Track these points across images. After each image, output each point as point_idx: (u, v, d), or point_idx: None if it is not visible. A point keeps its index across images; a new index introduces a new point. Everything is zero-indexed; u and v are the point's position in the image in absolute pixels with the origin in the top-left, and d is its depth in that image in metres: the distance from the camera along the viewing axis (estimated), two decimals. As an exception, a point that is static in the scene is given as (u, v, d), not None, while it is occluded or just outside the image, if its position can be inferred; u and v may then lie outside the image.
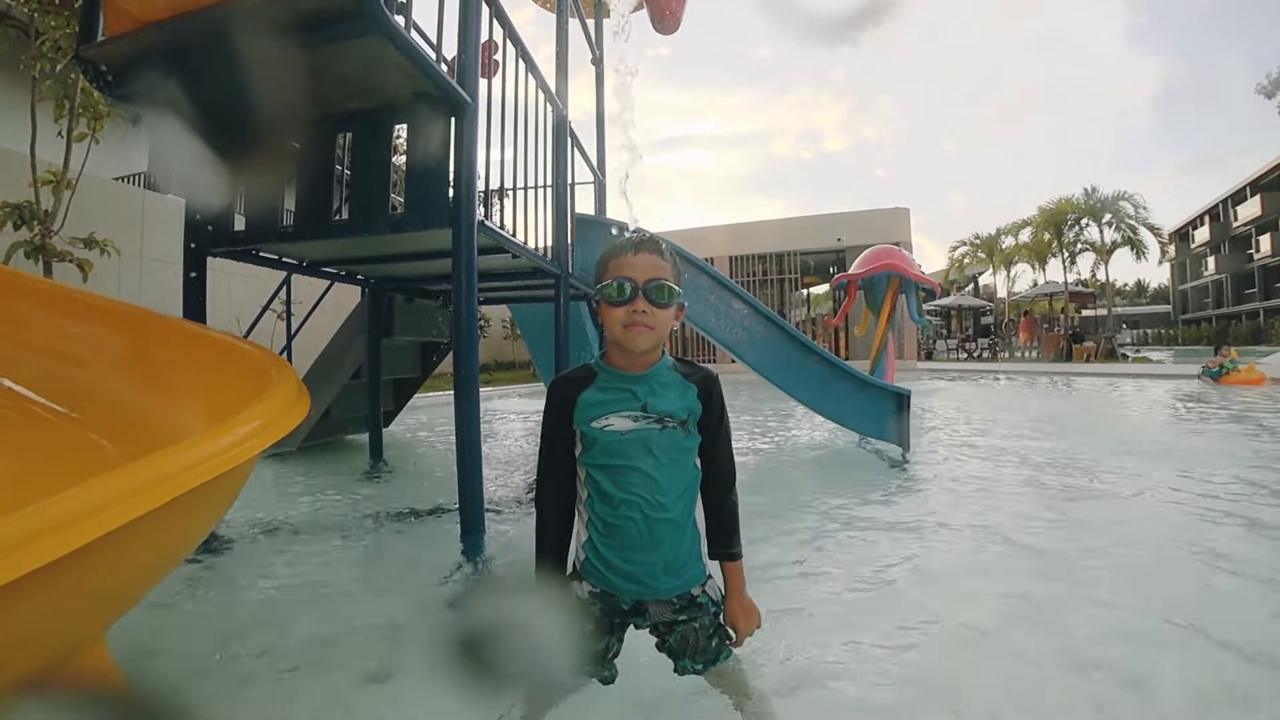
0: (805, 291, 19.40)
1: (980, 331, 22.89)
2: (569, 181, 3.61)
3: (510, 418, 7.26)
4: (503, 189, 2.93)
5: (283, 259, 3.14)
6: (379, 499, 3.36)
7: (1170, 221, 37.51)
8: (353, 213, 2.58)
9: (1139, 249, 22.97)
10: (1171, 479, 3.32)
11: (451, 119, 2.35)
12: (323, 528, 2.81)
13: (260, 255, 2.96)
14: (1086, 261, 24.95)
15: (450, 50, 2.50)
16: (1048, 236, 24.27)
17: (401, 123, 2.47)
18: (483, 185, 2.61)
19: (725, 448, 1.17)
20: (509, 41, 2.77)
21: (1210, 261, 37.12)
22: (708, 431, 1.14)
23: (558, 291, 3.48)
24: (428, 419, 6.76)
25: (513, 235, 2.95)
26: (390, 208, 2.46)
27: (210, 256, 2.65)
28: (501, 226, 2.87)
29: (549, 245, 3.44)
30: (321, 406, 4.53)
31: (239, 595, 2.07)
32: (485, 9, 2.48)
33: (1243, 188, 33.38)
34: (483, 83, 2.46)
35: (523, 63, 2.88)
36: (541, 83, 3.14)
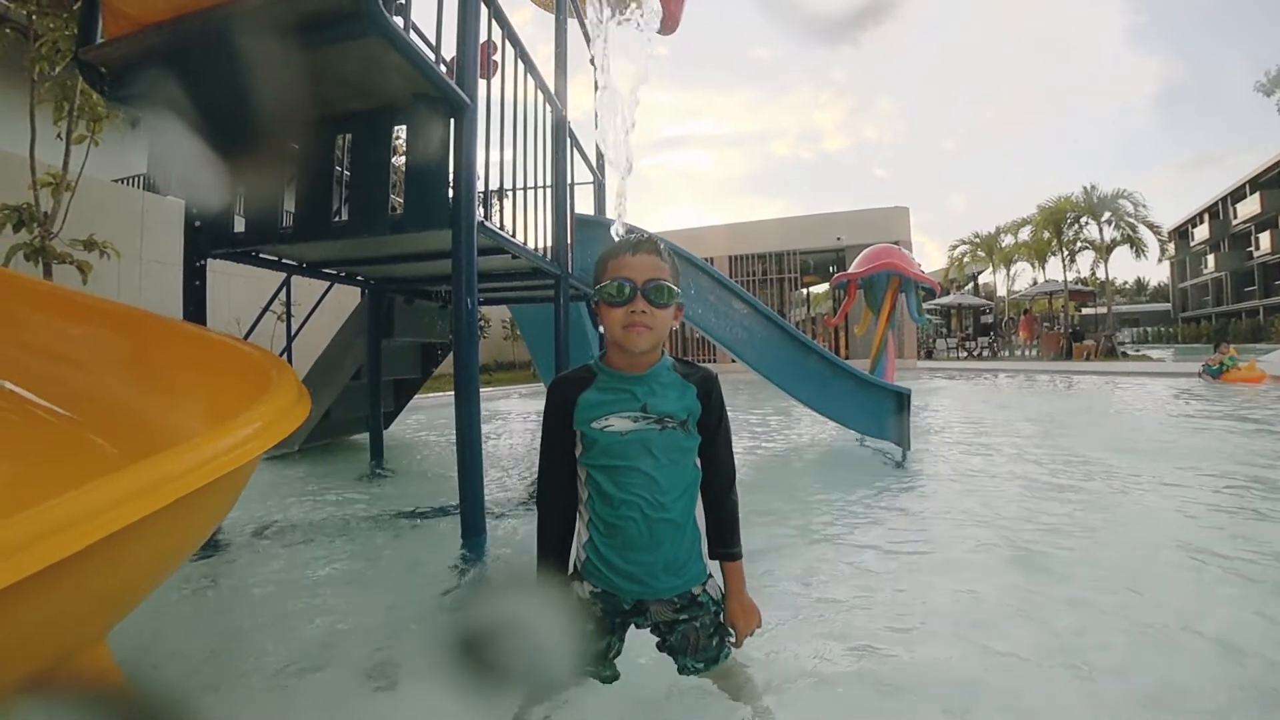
0: (805, 291, 19.40)
1: (980, 330, 22.85)
2: (568, 182, 3.61)
3: (511, 418, 7.26)
4: (502, 189, 2.93)
5: (282, 260, 3.14)
6: (380, 500, 3.36)
7: (1170, 219, 37.57)
8: (352, 214, 2.58)
9: (1138, 247, 22.96)
10: (1171, 478, 3.32)
11: (451, 120, 2.35)
12: (323, 529, 2.81)
13: (260, 256, 2.96)
14: (1086, 260, 24.96)
15: (449, 51, 2.50)
16: (1047, 235, 24.24)
17: (401, 124, 2.47)
18: (482, 186, 2.61)
19: (725, 447, 1.17)
20: (508, 42, 2.77)
21: (1210, 259, 37.13)
22: (707, 431, 1.14)
23: (557, 292, 3.48)
24: (428, 420, 6.76)
25: (512, 236, 2.96)
26: (390, 209, 2.46)
27: (210, 258, 2.65)
28: (501, 227, 2.87)
29: (549, 246, 3.44)
30: (322, 408, 4.53)
31: (240, 597, 2.07)
32: (484, 10, 2.48)
33: (1242, 185, 33.39)
34: (482, 83, 2.46)
35: (521, 63, 2.88)
36: (540, 83, 3.14)
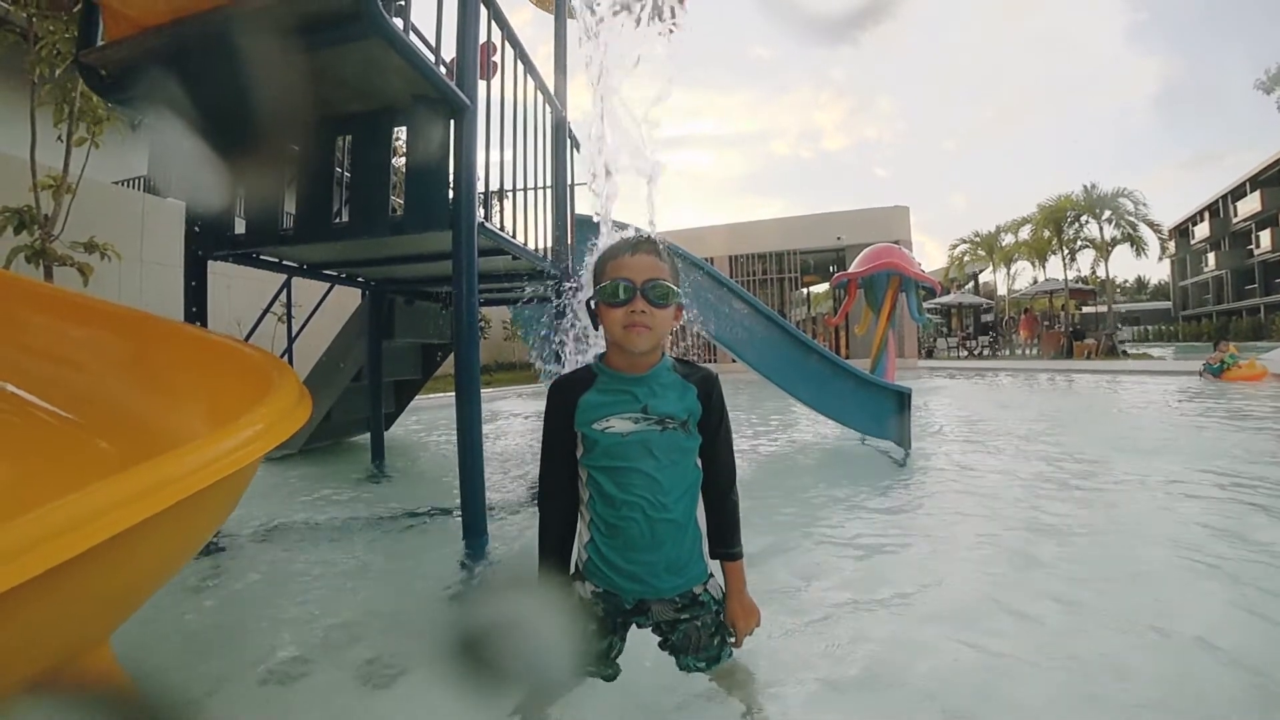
0: (805, 290, 19.39)
1: (980, 329, 22.84)
2: (569, 182, 3.61)
3: (511, 419, 7.26)
4: (502, 190, 2.94)
5: (283, 262, 3.15)
6: (380, 501, 3.36)
7: (1170, 218, 37.53)
8: (353, 215, 2.58)
9: (1139, 245, 22.91)
10: (1170, 477, 3.31)
11: (451, 121, 2.35)
12: (324, 530, 2.81)
13: (260, 258, 2.97)
14: (1086, 258, 24.91)
15: (449, 52, 2.50)
16: (1047, 234, 24.19)
17: (401, 125, 2.48)
18: (482, 187, 2.61)
19: (726, 448, 1.17)
20: (507, 43, 2.77)
21: (1210, 257, 37.08)
22: (708, 432, 1.14)
23: (558, 292, 3.48)
24: (429, 421, 6.77)
25: (513, 237, 2.96)
26: (390, 210, 2.46)
27: (211, 260, 2.66)
28: (501, 228, 2.87)
29: (549, 246, 3.44)
30: (323, 409, 4.53)
31: (240, 597, 2.07)
32: (484, 11, 2.48)
33: (1242, 183, 33.35)
34: (481, 84, 2.46)
35: (521, 64, 2.88)
36: (540, 84, 3.14)
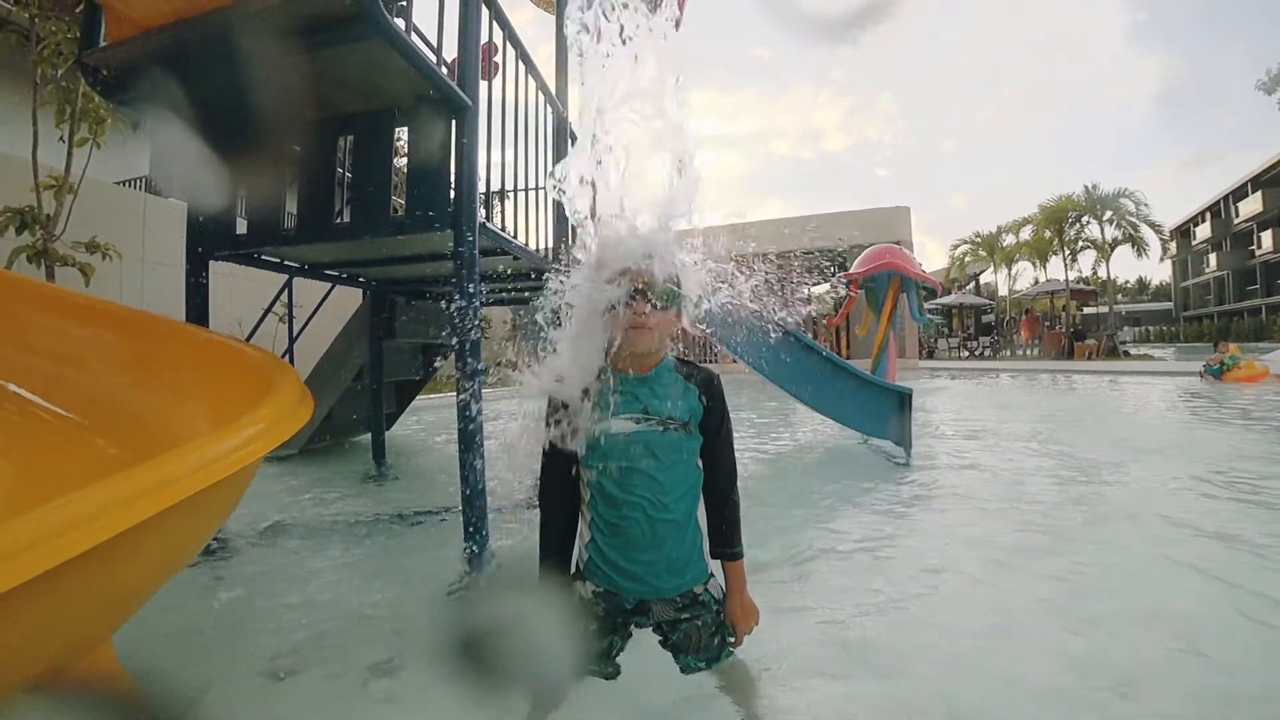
0: (806, 291, 19.40)
1: (981, 330, 22.82)
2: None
3: (512, 419, 7.25)
4: (504, 191, 2.94)
5: (284, 262, 3.15)
6: (381, 501, 3.36)
7: (1171, 217, 37.48)
8: (354, 215, 2.58)
9: (1140, 246, 22.88)
10: (1170, 478, 3.31)
11: (452, 121, 2.35)
12: (325, 530, 2.81)
13: (262, 258, 2.97)
14: (1087, 259, 24.88)
15: (450, 52, 2.50)
16: (1048, 234, 24.16)
17: (402, 125, 2.47)
18: (484, 187, 2.61)
19: (727, 448, 1.17)
20: (509, 43, 2.78)
21: (1212, 258, 37.01)
22: (709, 432, 1.14)
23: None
24: (430, 421, 6.76)
25: (514, 237, 2.96)
26: (391, 210, 2.46)
27: (212, 260, 2.66)
28: (503, 228, 2.88)
29: (550, 247, 3.44)
30: (324, 409, 4.53)
31: (241, 597, 2.07)
32: (485, 11, 2.48)
33: (1244, 184, 33.29)
34: (483, 85, 2.46)
35: (523, 64, 2.88)
36: (541, 84, 3.14)
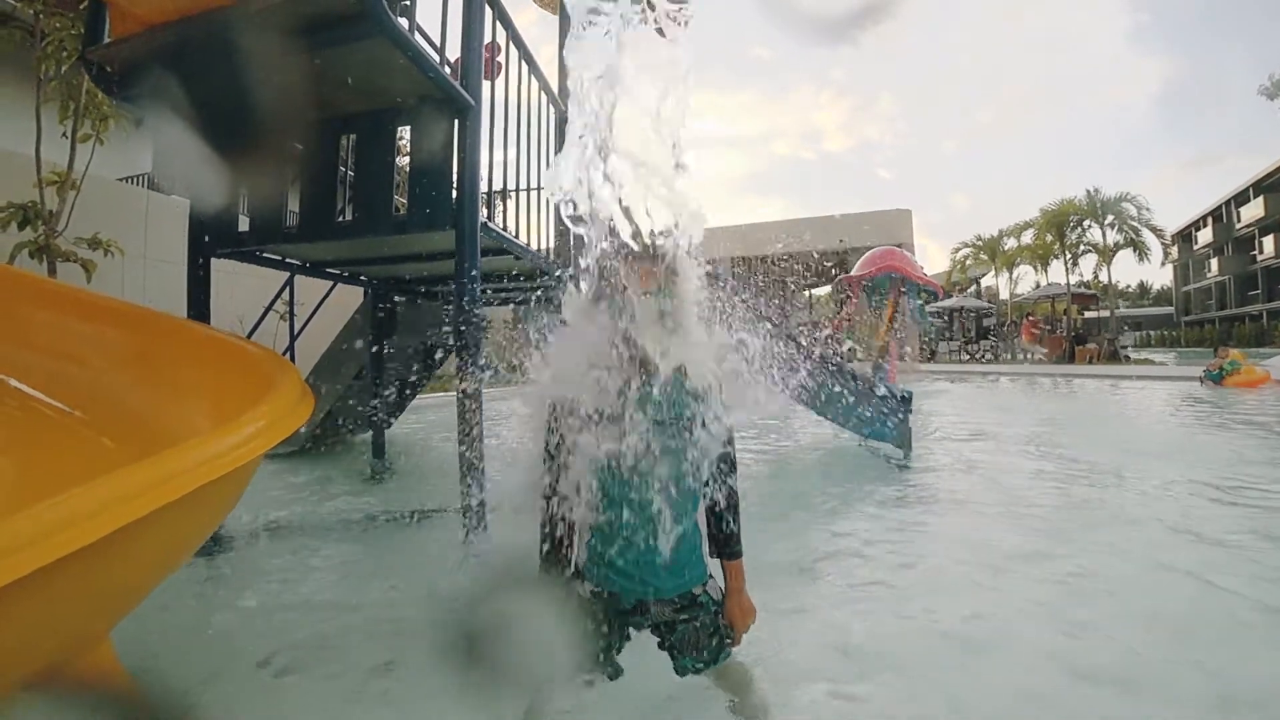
0: (807, 294, 19.39)
1: (982, 333, 22.79)
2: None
3: (513, 418, 7.26)
4: (505, 190, 2.94)
5: (286, 260, 3.15)
6: (381, 499, 3.36)
7: (1172, 219, 37.40)
8: (356, 214, 2.59)
9: (1141, 250, 22.86)
10: (1170, 482, 3.31)
11: (455, 120, 2.35)
12: (325, 528, 2.81)
13: (264, 256, 2.97)
14: (1089, 263, 24.85)
15: (453, 52, 2.50)
16: (1050, 238, 24.16)
17: (405, 124, 2.48)
18: (486, 186, 2.61)
19: (727, 447, 1.17)
20: (511, 43, 2.78)
21: (1213, 263, 36.96)
22: (709, 432, 1.14)
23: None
24: (431, 420, 6.77)
25: (515, 237, 2.96)
26: (394, 209, 2.47)
27: (214, 257, 2.66)
28: (504, 228, 2.88)
29: (552, 247, 3.44)
30: (324, 407, 4.53)
31: (241, 595, 2.07)
32: (488, 11, 2.49)
33: (1246, 189, 33.25)
34: (485, 84, 2.46)
35: (525, 64, 2.88)
36: (544, 84, 3.14)
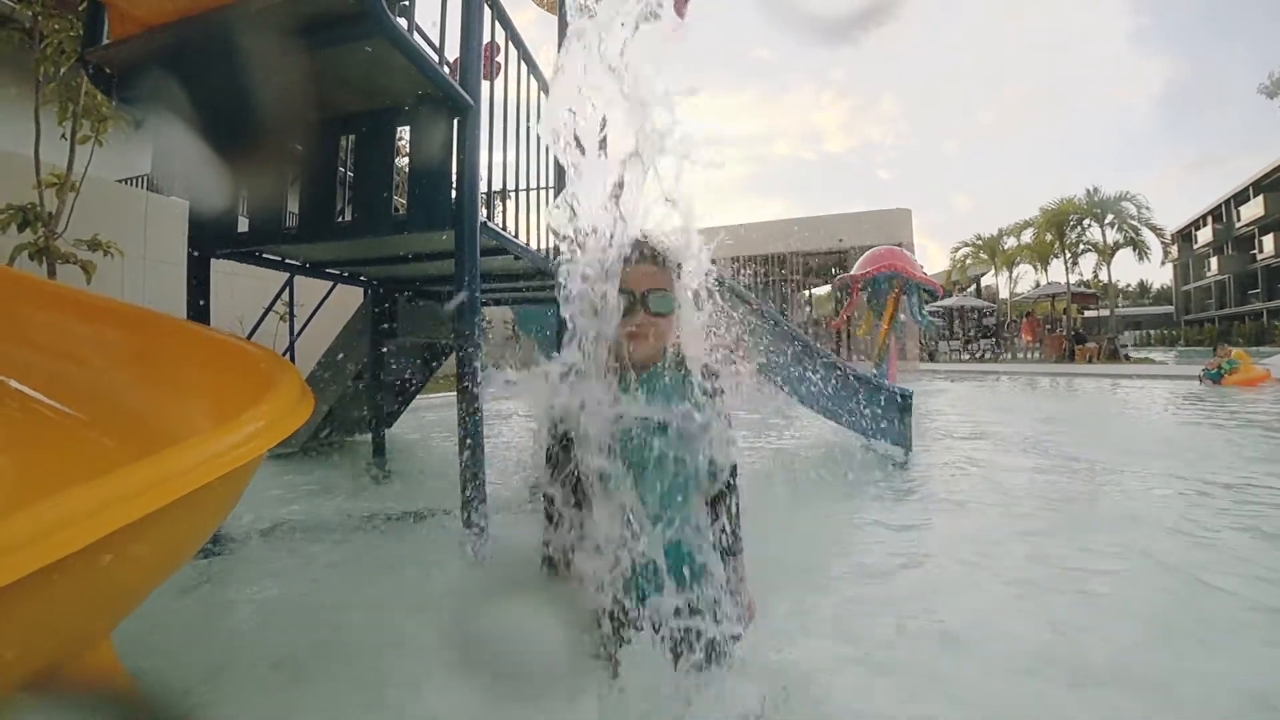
0: (807, 292, 19.40)
1: (982, 332, 22.80)
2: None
3: (512, 418, 7.26)
4: (505, 190, 2.94)
5: (286, 260, 3.15)
6: (381, 499, 3.36)
7: (1172, 219, 37.42)
8: (356, 214, 2.59)
9: (1141, 250, 22.89)
10: (1169, 480, 3.32)
11: (454, 121, 2.35)
12: (325, 528, 2.81)
13: (263, 257, 2.97)
14: (1089, 262, 24.90)
15: (452, 52, 2.51)
16: (1050, 237, 24.19)
17: (404, 124, 2.48)
18: (485, 186, 2.61)
19: (727, 445, 1.17)
20: (511, 43, 2.78)
21: (1213, 262, 36.98)
22: (709, 430, 1.14)
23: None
24: (431, 420, 6.77)
25: (515, 236, 2.96)
26: (393, 209, 2.47)
27: (214, 258, 2.66)
28: (504, 228, 2.88)
29: (552, 246, 3.44)
30: (324, 407, 4.54)
31: (241, 596, 2.07)
32: (487, 11, 2.49)
33: (1246, 188, 33.26)
34: (485, 84, 2.47)
35: (524, 64, 2.89)
36: (544, 84, 3.14)
